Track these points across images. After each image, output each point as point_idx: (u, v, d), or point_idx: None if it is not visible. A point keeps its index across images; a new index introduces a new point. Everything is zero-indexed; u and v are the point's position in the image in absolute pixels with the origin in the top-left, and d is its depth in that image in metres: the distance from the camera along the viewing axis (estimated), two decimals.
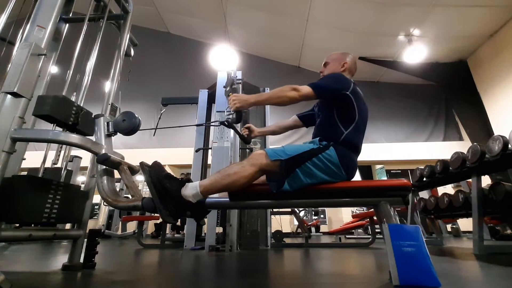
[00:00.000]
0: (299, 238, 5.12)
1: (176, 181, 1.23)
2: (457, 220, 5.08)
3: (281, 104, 1.31)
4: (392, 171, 8.00)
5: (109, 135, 1.60)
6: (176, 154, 7.65)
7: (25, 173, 3.13)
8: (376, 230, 3.49)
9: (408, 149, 7.96)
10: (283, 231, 4.23)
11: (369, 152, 7.44)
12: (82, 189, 1.69)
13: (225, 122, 1.41)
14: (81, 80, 1.94)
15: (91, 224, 4.53)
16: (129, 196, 1.42)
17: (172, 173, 1.31)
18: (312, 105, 1.66)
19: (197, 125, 3.59)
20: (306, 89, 1.29)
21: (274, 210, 4.19)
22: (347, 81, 1.40)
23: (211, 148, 3.25)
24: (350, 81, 1.42)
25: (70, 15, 2.05)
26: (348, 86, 1.36)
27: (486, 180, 3.11)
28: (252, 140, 1.71)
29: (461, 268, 1.60)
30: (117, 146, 1.65)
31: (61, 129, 1.53)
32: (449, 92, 8.02)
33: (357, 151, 1.35)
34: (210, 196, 1.27)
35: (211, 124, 3.17)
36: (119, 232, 6.03)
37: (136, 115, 1.60)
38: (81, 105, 1.71)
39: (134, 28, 2.24)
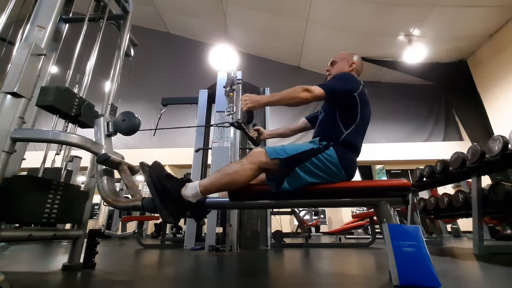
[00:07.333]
0: (299, 238, 5.11)
1: (176, 181, 1.23)
2: (457, 220, 5.08)
3: (293, 105, 1.29)
4: (392, 171, 8.00)
5: (109, 135, 1.60)
6: (176, 154, 7.66)
7: (25, 173, 3.13)
8: (376, 230, 3.48)
9: (408, 149, 7.96)
10: (283, 231, 4.23)
11: (369, 152, 7.43)
12: (82, 189, 1.69)
13: (235, 124, 1.37)
14: (81, 80, 1.93)
15: (91, 224, 4.53)
16: (129, 196, 1.42)
17: (172, 173, 1.31)
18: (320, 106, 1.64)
19: (205, 126, 3.54)
20: (317, 90, 1.28)
21: (274, 210, 4.18)
22: (356, 82, 1.40)
23: (211, 148, 3.25)
24: (359, 82, 1.42)
25: (70, 15, 2.05)
26: (357, 88, 1.37)
27: (486, 180, 3.11)
28: None
29: (461, 268, 1.60)
30: (117, 146, 1.65)
31: (61, 130, 1.53)
32: (449, 92, 8.02)
33: (357, 152, 1.35)
34: (210, 196, 1.27)
35: (219, 125, 3.08)
36: (119, 232, 6.02)
37: (136, 115, 1.60)
38: None
39: (134, 28, 2.24)
